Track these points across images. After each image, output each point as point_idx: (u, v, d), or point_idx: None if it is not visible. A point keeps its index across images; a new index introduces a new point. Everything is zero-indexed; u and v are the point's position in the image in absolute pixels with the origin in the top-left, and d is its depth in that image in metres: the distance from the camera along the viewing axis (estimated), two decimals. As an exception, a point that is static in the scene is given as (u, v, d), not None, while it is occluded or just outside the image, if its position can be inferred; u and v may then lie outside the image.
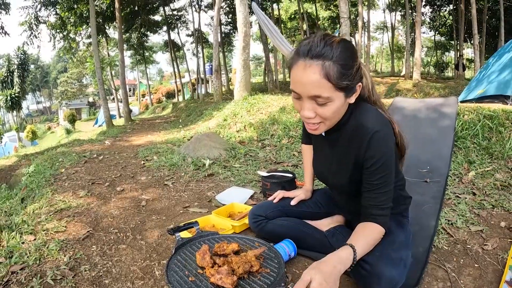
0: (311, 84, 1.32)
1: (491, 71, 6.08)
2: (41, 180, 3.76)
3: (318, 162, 1.84)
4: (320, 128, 1.47)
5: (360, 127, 1.48)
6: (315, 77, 1.31)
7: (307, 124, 1.48)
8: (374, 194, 1.49)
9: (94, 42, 14.59)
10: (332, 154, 1.68)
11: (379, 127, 1.45)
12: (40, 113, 74.05)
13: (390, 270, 1.40)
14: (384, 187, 1.48)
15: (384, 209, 1.49)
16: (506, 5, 20.31)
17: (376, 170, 1.46)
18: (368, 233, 1.48)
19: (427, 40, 42.33)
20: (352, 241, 1.41)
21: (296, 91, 1.38)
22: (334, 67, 1.31)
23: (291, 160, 4.11)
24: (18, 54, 31.78)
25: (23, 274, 1.78)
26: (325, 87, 1.31)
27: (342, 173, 1.64)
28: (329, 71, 1.30)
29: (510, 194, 2.66)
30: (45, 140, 31.81)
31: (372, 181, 1.49)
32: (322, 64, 1.30)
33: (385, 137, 1.46)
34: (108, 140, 7.39)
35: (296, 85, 1.37)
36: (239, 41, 9.21)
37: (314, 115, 1.40)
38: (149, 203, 2.91)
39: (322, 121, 1.43)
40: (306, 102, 1.38)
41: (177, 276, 1.45)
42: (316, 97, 1.34)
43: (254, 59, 59.13)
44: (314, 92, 1.33)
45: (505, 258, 1.84)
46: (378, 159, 1.45)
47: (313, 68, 1.31)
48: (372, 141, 1.43)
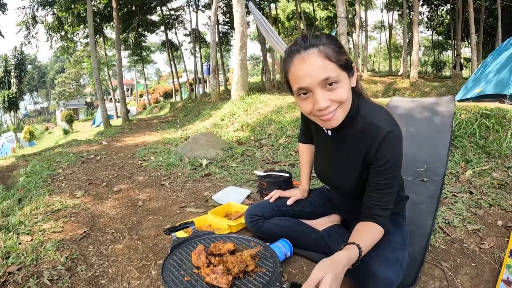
0: (317, 70, 1.31)
1: (488, 71, 6.09)
2: (38, 180, 3.75)
3: (320, 162, 1.82)
4: (338, 115, 1.40)
5: (372, 126, 1.47)
6: (318, 61, 1.31)
7: (323, 117, 1.40)
8: (378, 194, 1.49)
9: (92, 42, 14.58)
10: (338, 154, 1.64)
11: (392, 127, 1.44)
12: (37, 113, 73.93)
13: (386, 270, 1.40)
14: (390, 188, 1.48)
15: (385, 210, 1.50)
16: (504, 4, 20.31)
17: (384, 170, 1.46)
18: (371, 233, 1.48)
19: (425, 40, 42.43)
20: (358, 240, 1.40)
21: (304, 86, 1.34)
22: (328, 48, 1.33)
23: (288, 159, 4.11)
24: (15, 54, 31.72)
25: (20, 274, 1.77)
26: (330, 67, 1.31)
27: (347, 174, 1.62)
28: (327, 53, 1.32)
29: (507, 193, 2.66)
30: (43, 141, 31.75)
31: (379, 180, 1.48)
32: (317, 49, 1.32)
33: (397, 138, 1.45)
34: (105, 140, 7.38)
35: (302, 79, 1.34)
36: (236, 40, 9.20)
37: (329, 103, 1.35)
38: (145, 203, 2.91)
39: (339, 106, 1.38)
40: (317, 93, 1.33)
41: (173, 276, 1.44)
42: (326, 80, 1.31)
43: (252, 59, 59.16)
44: (322, 75, 1.31)
45: (502, 257, 1.84)
46: (389, 159, 1.44)
47: (311, 56, 1.32)
48: (385, 141, 1.43)
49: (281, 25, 30.76)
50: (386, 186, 1.47)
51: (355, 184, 1.61)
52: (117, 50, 17.22)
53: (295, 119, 5.38)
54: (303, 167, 2.15)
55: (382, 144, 1.43)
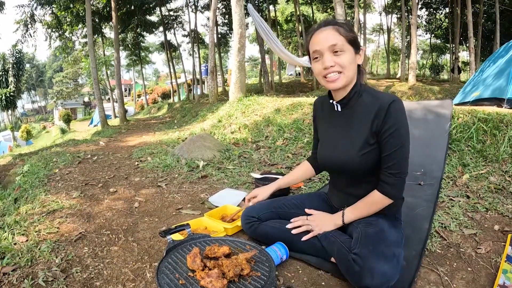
0: (327, 37, 1.66)
1: (486, 75, 6.10)
2: (34, 180, 3.74)
3: (325, 146, 1.93)
4: (340, 80, 1.68)
5: (378, 97, 1.69)
6: (330, 32, 1.67)
7: (328, 79, 1.70)
8: (389, 158, 1.65)
9: (90, 41, 14.56)
10: (346, 127, 1.80)
11: (396, 98, 1.65)
12: (35, 112, 73.82)
13: (383, 265, 1.44)
14: (399, 152, 1.64)
15: (394, 176, 1.64)
16: (502, 9, 20.41)
17: (394, 133, 1.62)
18: (366, 198, 1.75)
19: (423, 43, 42.52)
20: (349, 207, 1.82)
21: (317, 48, 1.69)
22: (342, 27, 1.68)
23: (285, 162, 4.10)
24: (13, 53, 31.64)
25: (15, 275, 1.77)
26: (339, 38, 1.65)
27: (353, 146, 1.73)
28: (339, 29, 1.67)
29: (504, 197, 2.66)
30: (40, 140, 31.73)
31: (390, 143, 1.64)
32: (333, 26, 1.69)
33: (402, 106, 1.64)
34: (102, 141, 7.36)
35: (317, 43, 1.69)
36: (234, 42, 9.20)
37: (334, 64, 1.66)
38: (142, 204, 2.90)
39: (341, 71, 1.67)
40: (325, 55, 1.67)
41: (168, 279, 1.44)
42: (333, 46, 1.65)
43: (250, 61, 59.17)
44: (331, 41, 1.65)
45: (498, 261, 1.84)
46: (396, 124, 1.62)
47: (327, 29, 1.69)
48: (391, 108, 1.61)
49: (279, 28, 30.78)
50: (397, 148, 1.63)
51: (359, 158, 1.71)
52: (115, 50, 17.20)
53: (292, 121, 5.38)
54: (292, 173, 2.31)
55: (389, 111, 1.61)
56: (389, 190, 1.66)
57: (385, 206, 1.71)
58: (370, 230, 1.63)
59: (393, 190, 1.66)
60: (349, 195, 1.85)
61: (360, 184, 1.80)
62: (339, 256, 1.64)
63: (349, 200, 1.84)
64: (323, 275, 1.75)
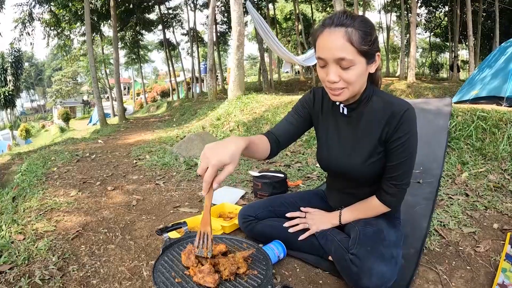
0: (336, 48, 1.41)
1: (485, 73, 6.09)
2: (33, 179, 3.72)
3: (326, 147, 1.80)
4: (344, 94, 1.51)
5: (391, 104, 1.56)
6: (340, 41, 1.41)
7: (331, 90, 1.52)
8: (391, 168, 1.58)
9: (89, 40, 14.54)
10: (351, 132, 1.69)
11: (410, 106, 1.53)
12: (34, 111, 73.68)
13: (381, 266, 1.41)
14: (405, 164, 1.56)
15: (396, 187, 1.59)
16: (501, 7, 20.40)
17: (405, 142, 1.53)
18: (364, 202, 1.73)
19: (422, 41, 42.50)
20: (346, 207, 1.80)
21: (322, 57, 1.46)
22: (355, 33, 1.41)
23: (284, 160, 4.09)
24: (11, 52, 31.57)
25: (12, 274, 1.75)
26: (349, 50, 1.40)
27: (358, 153, 1.66)
28: (352, 36, 1.40)
29: (503, 196, 2.66)
30: (39, 139, 31.65)
31: (398, 153, 1.55)
32: (345, 30, 1.40)
33: (414, 116, 1.53)
34: (101, 139, 7.35)
35: (322, 51, 1.46)
36: (233, 40, 9.19)
37: (338, 79, 1.46)
38: (139, 202, 2.89)
39: (346, 87, 1.48)
40: (331, 67, 1.45)
41: (164, 277, 1.42)
42: (341, 60, 1.42)
43: (249, 59, 59.10)
44: (338, 54, 1.41)
45: (497, 260, 1.82)
46: (408, 134, 1.52)
47: (337, 34, 1.41)
48: (405, 116, 1.50)
49: (278, 26, 30.76)
50: (404, 160, 1.55)
51: (366, 168, 1.64)
52: (114, 48, 17.20)
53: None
54: (252, 137, 1.62)
55: (402, 119, 1.51)
56: (388, 200, 1.63)
57: (383, 212, 1.69)
58: (368, 229, 1.60)
59: (393, 200, 1.63)
60: (348, 195, 1.83)
61: (361, 187, 1.76)
62: (336, 255, 1.62)
63: (347, 200, 1.82)
64: (320, 273, 1.74)
